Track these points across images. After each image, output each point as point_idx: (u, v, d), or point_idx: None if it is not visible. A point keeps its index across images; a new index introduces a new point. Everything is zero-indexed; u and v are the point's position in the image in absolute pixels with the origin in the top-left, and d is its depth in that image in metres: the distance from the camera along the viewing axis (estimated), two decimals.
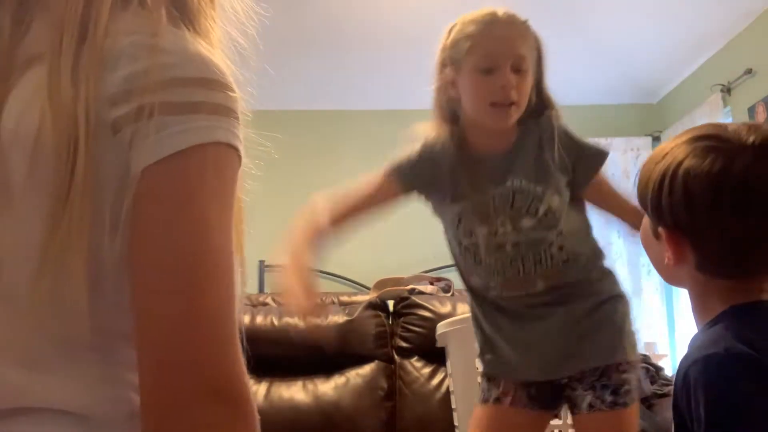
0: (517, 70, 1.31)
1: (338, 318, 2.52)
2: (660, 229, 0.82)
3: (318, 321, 2.37)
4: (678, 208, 0.79)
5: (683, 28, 3.26)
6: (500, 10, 1.35)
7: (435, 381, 2.48)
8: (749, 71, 3.12)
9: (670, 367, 2.99)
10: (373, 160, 4.65)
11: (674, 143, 0.84)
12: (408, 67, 3.79)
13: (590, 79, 3.83)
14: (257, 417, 0.54)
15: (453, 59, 1.37)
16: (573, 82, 3.88)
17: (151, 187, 0.52)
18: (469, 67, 1.33)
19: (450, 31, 1.42)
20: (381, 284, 3.00)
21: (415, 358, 2.54)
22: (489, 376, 1.41)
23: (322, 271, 4.07)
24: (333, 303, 2.72)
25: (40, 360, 0.54)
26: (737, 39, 3.26)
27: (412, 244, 4.08)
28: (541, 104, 1.39)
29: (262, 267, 3.90)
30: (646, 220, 0.88)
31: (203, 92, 0.54)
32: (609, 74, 3.81)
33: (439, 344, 1.96)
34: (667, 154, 0.84)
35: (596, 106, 4.12)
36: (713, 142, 0.81)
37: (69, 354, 0.55)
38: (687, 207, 0.79)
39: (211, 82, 0.54)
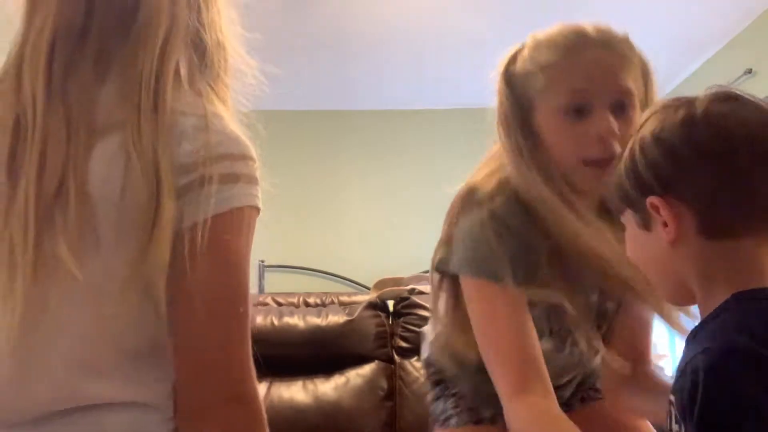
0: (621, 108, 0.95)
1: (338, 318, 2.52)
2: (651, 202, 0.77)
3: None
4: (660, 165, 0.77)
5: (683, 28, 3.26)
6: (589, 26, 1.00)
7: None
8: (749, 71, 3.12)
9: (670, 367, 3.00)
10: (373, 160, 4.64)
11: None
12: (408, 67, 3.80)
13: None
14: (264, 412, 0.70)
15: (524, 96, 1.01)
16: None
17: (208, 235, 0.68)
18: (548, 107, 0.98)
19: (514, 58, 1.05)
20: (381, 284, 3.00)
21: (415, 358, 2.53)
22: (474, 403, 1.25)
23: (322, 271, 4.08)
24: (333, 303, 2.72)
25: (109, 368, 0.69)
26: (737, 39, 3.26)
27: (412, 244, 4.08)
28: None
29: (262, 267, 3.90)
30: (630, 223, 0.83)
31: (241, 165, 0.72)
32: None
33: None
34: (626, 147, 0.82)
35: None
36: (667, 102, 0.80)
37: (131, 361, 0.70)
38: (667, 159, 0.76)
39: (245, 156, 0.73)
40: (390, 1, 3.04)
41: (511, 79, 1.03)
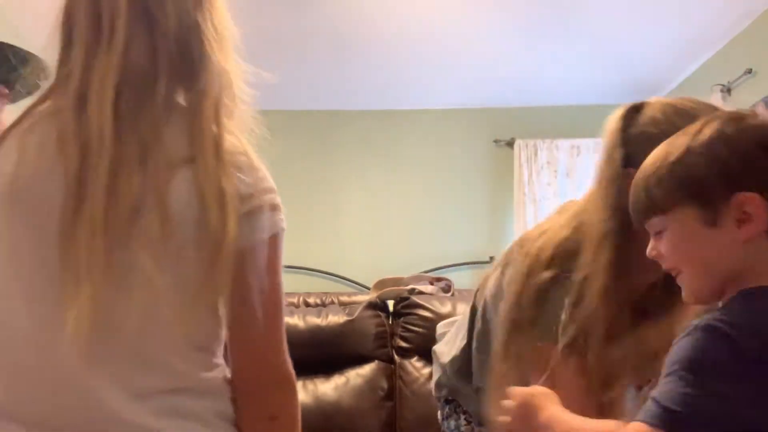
0: None
1: (338, 318, 2.52)
2: (739, 198, 0.80)
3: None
4: (759, 159, 0.81)
5: (683, 28, 3.26)
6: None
7: None
8: (749, 71, 3.12)
9: None
10: (373, 160, 4.63)
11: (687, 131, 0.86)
12: (407, 68, 3.80)
13: (590, 79, 3.83)
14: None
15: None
16: (573, 82, 3.88)
17: (263, 253, 0.87)
18: None
19: (630, 118, 1.05)
20: (381, 284, 3.00)
21: (415, 358, 2.53)
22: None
23: (322, 271, 4.08)
24: (333, 303, 2.72)
25: (184, 359, 0.84)
26: (737, 39, 3.26)
27: (412, 244, 4.08)
28: None
29: None
30: (683, 222, 0.84)
31: (276, 197, 0.90)
32: (609, 74, 3.81)
33: None
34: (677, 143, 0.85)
35: (596, 106, 4.12)
36: (726, 113, 0.86)
37: (200, 352, 0.86)
38: (744, 161, 0.81)
39: (274, 190, 0.90)
40: (390, 2, 3.04)
41: (629, 140, 1.02)
